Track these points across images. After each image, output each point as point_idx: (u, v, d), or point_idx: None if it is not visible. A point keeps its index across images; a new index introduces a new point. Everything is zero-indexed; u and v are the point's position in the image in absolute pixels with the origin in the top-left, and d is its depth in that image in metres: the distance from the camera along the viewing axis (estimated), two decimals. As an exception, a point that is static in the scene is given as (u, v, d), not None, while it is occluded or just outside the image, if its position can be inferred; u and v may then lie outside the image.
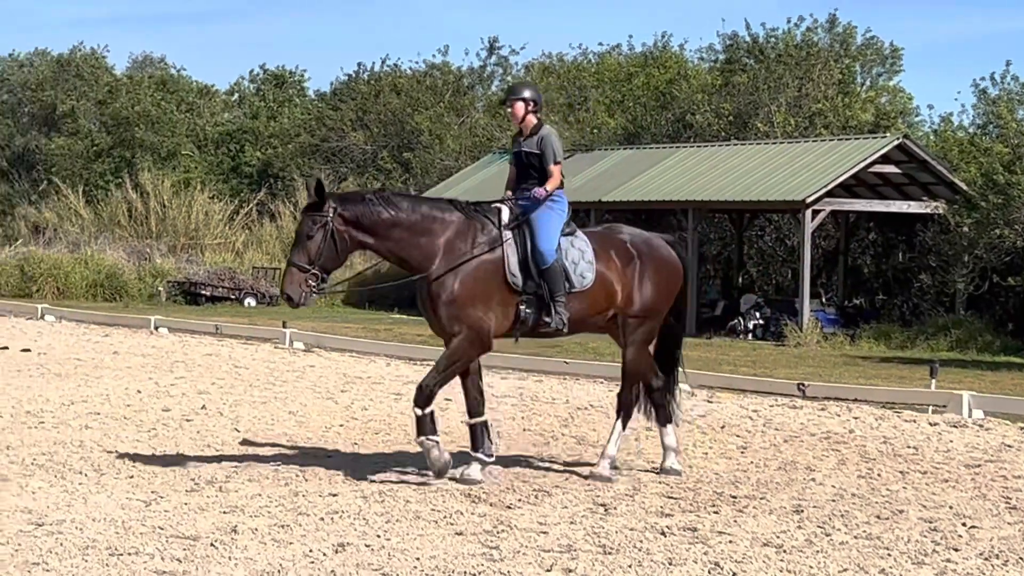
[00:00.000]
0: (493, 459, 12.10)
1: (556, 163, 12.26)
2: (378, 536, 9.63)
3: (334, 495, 11.05)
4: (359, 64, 62.47)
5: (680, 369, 13.21)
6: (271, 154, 59.70)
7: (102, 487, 11.15)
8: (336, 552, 9.12)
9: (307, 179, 50.88)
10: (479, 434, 12.10)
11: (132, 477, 11.63)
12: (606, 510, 10.76)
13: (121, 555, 8.86)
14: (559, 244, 12.03)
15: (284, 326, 26.99)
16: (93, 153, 60.37)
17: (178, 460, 12.52)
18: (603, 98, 50.20)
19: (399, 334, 30.01)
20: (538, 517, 10.41)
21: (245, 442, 13.79)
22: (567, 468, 12.72)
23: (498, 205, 12.18)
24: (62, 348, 23.69)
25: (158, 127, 60.70)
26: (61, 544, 9.12)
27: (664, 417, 12.74)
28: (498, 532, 9.85)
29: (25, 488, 10.99)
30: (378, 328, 32.62)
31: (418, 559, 9.00)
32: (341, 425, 15.20)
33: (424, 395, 11.74)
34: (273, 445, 13.64)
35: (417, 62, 63.94)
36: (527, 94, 12.42)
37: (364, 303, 42.24)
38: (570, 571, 8.81)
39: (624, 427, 12.59)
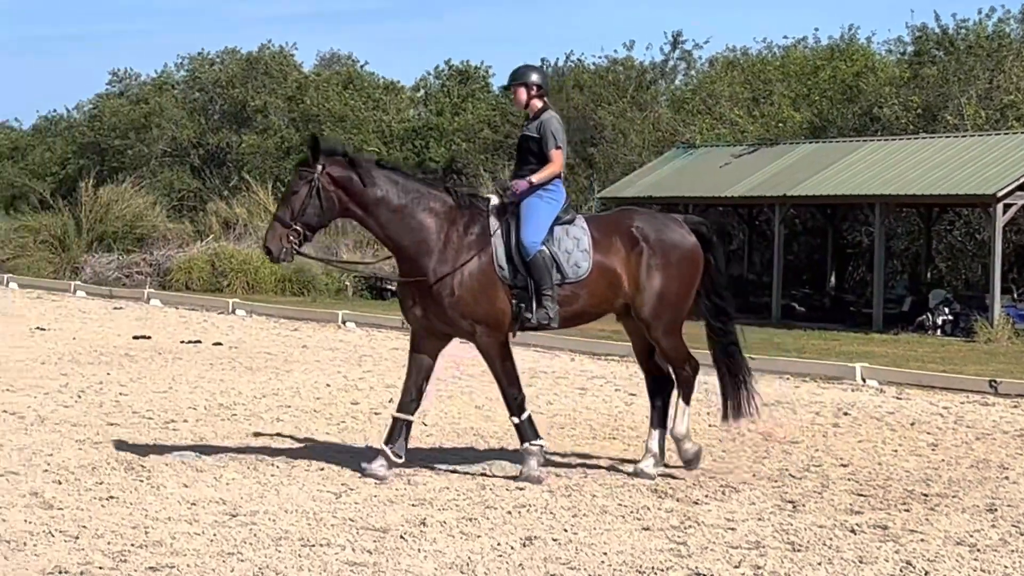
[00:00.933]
0: (401, 460, 11.74)
1: (557, 148, 11.99)
2: (565, 530, 9.66)
3: (521, 489, 11.11)
4: (542, 59, 62.26)
5: (741, 354, 12.56)
6: (455, 150, 60.10)
7: (293, 479, 11.34)
8: (524, 546, 9.18)
9: (490, 175, 51.28)
10: (398, 429, 11.88)
11: (323, 469, 11.80)
12: (794, 507, 10.67)
13: (313, 546, 9.01)
14: (553, 233, 11.73)
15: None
16: (283, 150, 61.32)
17: (367, 453, 12.68)
18: (788, 92, 49.64)
19: (582, 328, 29.90)
20: (725, 513, 10.36)
21: (432, 435, 13.91)
22: (754, 464, 12.63)
23: (491, 195, 12.01)
24: (253, 342, 24.11)
25: (345, 124, 61.45)
26: (255, 535, 9.30)
27: (685, 400, 12.22)
28: (685, 528, 9.83)
29: (219, 479, 11.22)
30: (562, 323, 32.56)
31: (605, 554, 9.01)
32: (527, 419, 15.24)
33: (513, 404, 11.85)
34: (460, 439, 13.75)
35: (600, 57, 63.75)
36: (530, 78, 12.13)
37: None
38: (759, 568, 8.75)
39: (687, 402, 12.16)
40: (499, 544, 9.19)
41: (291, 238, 11.54)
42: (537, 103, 12.12)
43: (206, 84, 68.02)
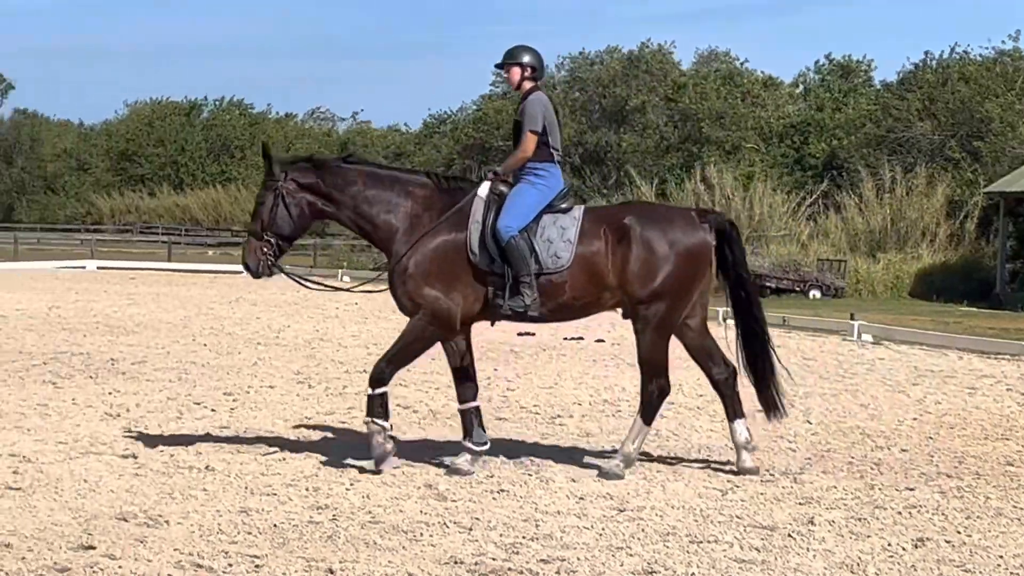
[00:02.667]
0: (486, 447, 11.51)
1: (530, 131, 11.39)
2: (958, 532, 9.43)
3: (911, 489, 10.89)
4: (926, 53, 61.05)
5: (772, 358, 11.90)
6: (836, 145, 59.28)
7: (679, 475, 11.38)
8: (915, 547, 8.99)
9: (870, 170, 50.36)
10: (470, 421, 11.57)
11: (708, 466, 11.82)
12: None
13: (701, 543, 9.03)
14: (539, 222, 11.26)
15: (852, 318, 26.73)
16: (662, 149, 61.62)
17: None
18: None
19: (969, 327, 29.17)
20: None
21: (816, 434, 13.76)
22: None
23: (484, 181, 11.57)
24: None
25: (723, 121, 61.34)
26: (642, 530, 9.37)
27: (732, 411, 11.68)
28: (1086, 533, 9.46)
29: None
30: (947, 320, 31.83)
31: (1001, 557, 8.76)
32: (914, 419, 14.94)
33: (375, 375, 11.33)
34: (846, 438, 13.56)
35: (987, 48, 61.94)
36: (524, 59, 11.62)
37: (932, 295, 41.39)
38: None
39: (647, 422, 11.50)
40: (889, 545, 9.03)
41: (265, 250, 11.52)
42: (527, 85, 11.68)
43: (587, 83, 68.83)
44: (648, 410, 11.53)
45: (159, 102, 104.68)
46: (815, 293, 42.12)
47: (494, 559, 8.54)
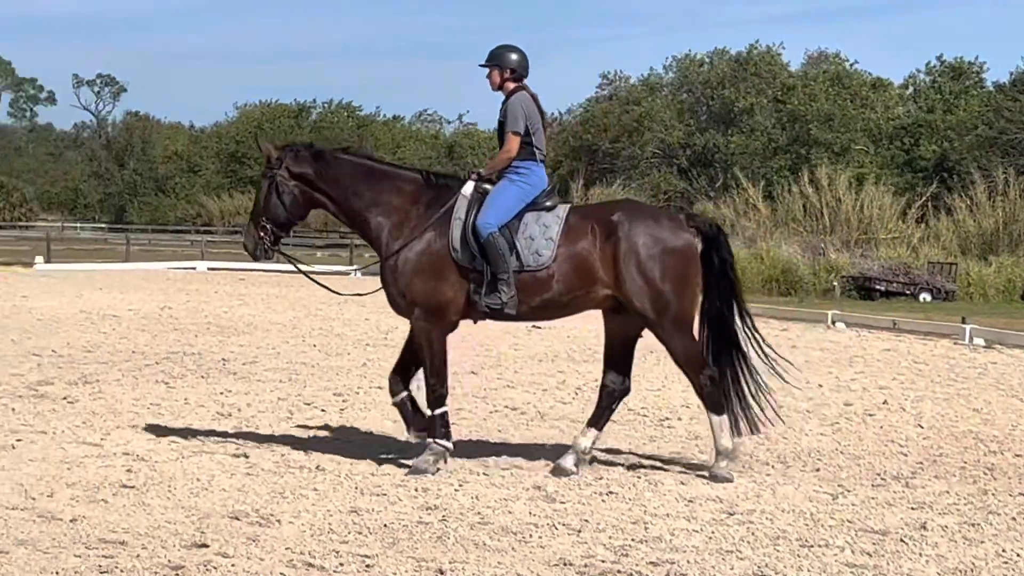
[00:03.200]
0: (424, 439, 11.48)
1: (512, 132, 11.35)
2: (1074, 540, 9.30)
3: (1024, 495, 10.76)
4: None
5: (742, 372, 11.62)
6: (947, 147, 58.65)
7: (788, 479, 11.31)
8: (1030, 554, 8.88)
9: (982, 172, 49.77)
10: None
11: (818, 470, 11.74)
12: None
13: (811, 547, 8.97)
14: (522, 219, 11.20)
15: (963, 322, 26.44)
16: (769, 150, 61.29)
17: (862, 454, 12.53)
18: None
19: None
20: None
21: (928, 438, 13.62)
22: None
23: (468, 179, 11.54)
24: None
25: (832, 123, 60.89)
26: (752, 533, 9.32)
27: (594, 421, 11.55)
28: None
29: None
30: (1062, 325, 31.34)
31: (1119, 566, 8.62)
32: (1029, 424, 14.76)
33: (432, 397, 11.40)
34: (958, 443, 13.41)
35: (1102, 47, 60.94)
36: (504, 61, 11.55)
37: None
38: None
39: (719, 412, 11.31)
40: (1004, 551, 8.92)
41: (262, 236, 11.66)
42: (510, 86, 11.62)
43: (694, 85, 68.62)
44: (711, 402, 11.38)
45: (268, 104, 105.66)
46: (925, 296, 41.71)
47: (603, 561, 8.54)
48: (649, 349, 21.77)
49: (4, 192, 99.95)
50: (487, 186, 11.47)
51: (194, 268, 50.78)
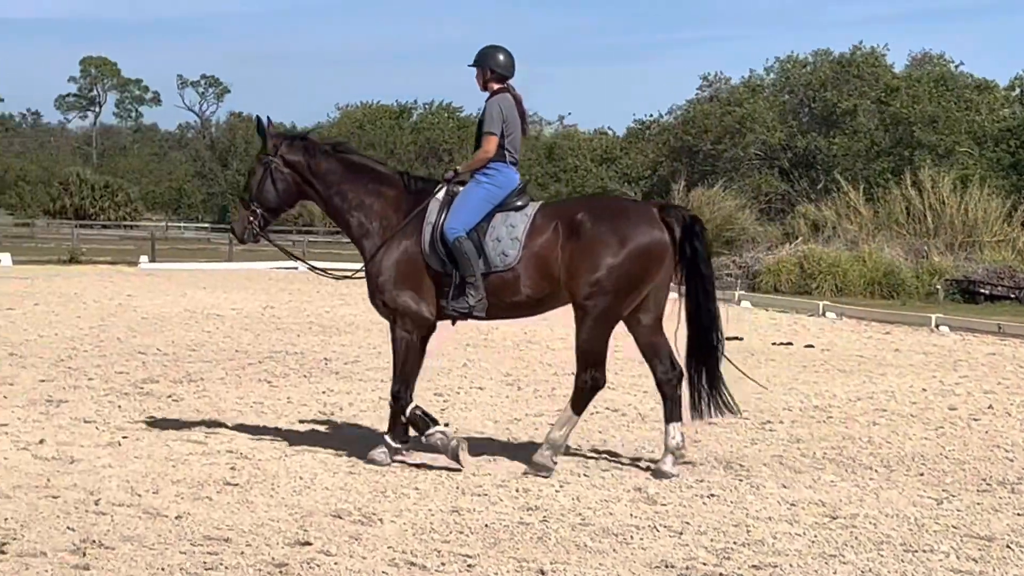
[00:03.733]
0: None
1: (487, 134, 11.37)
2: None
3: None
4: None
5: (717, 355, 11.64)
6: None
7: (892, 483, 11.22)
8: None
9: None
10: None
11: (922, 475, 11.63)
12: None
13: (915, 552, 8.89)
14: (490, 220, 11.17)
15: (1069, 326, 26.06)
16: (872, 153, 60.79)
17: (967, 459, 12.40)
18: None
19: None
20: None
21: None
22: None
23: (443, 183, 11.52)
24: (844, 345, 23.98)
25: (936, 126, 60.27)
26: (855, 538, 9.26)
27: (670, 414, 11.43)
28: None
29: (817, 481, 11.23)
30: None
31: None
32: None
33: (400, 404, 11.46)
34: (1064, 448, 13.23)
35: None
36: (487, 62, 11.62)
37: None
38: None
39: (576, 412, 11.36)
40: (1112, 559, 8.79)
41: (251, 220, 11.88)
42: (494, 86, 11.66)
43: (796, 86, 68.20)
44: (579, 400, 11.43)
45: (370, 105, 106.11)
46: (1032, 300, 41.11)
47: (704, 564, 8.52)
48: (750, 352, 21.74)
49: (109, 192, 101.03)
50: (459, 188, 11.57)
51: (296, 268, 51.09)
